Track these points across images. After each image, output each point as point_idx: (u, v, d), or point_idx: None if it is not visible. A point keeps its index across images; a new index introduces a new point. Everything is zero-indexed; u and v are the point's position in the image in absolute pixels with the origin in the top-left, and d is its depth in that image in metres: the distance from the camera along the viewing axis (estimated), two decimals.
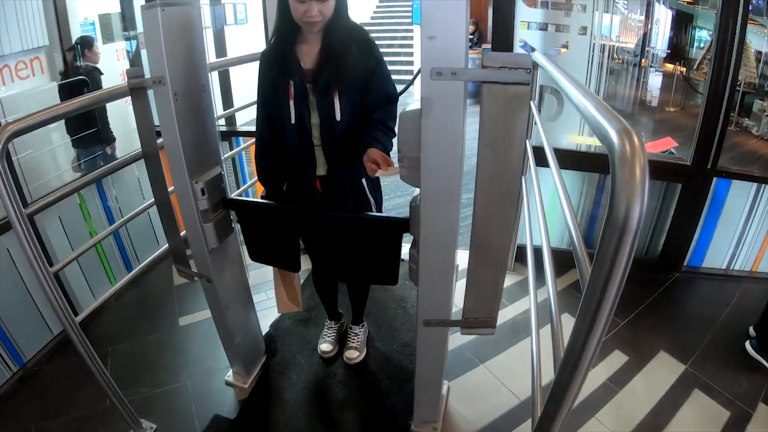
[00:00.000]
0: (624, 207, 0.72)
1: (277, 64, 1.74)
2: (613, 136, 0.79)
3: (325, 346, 2.48)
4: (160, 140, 1.74)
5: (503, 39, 2.74)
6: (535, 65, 2.01)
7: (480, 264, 1.43)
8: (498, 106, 1.20)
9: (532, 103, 2.18)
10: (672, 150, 3.12)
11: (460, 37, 1.17)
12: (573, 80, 1.30)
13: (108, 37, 3.20)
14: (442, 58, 1.18)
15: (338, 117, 1.72)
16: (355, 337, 2.49)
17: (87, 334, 2.51)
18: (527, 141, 2.22)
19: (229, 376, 2.35)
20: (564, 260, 2.41)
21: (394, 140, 1.66)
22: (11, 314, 2.41)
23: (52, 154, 2.86)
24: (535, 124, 2.15)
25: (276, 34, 1.75)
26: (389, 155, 1.66)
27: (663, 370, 2.42)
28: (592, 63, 2.81)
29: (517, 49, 2.74)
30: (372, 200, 1.97)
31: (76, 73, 3.25)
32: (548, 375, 1.10)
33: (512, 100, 1.19)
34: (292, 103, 1.73)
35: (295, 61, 1.72)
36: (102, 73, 3.44)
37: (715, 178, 2.88)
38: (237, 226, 2.04)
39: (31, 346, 2.54)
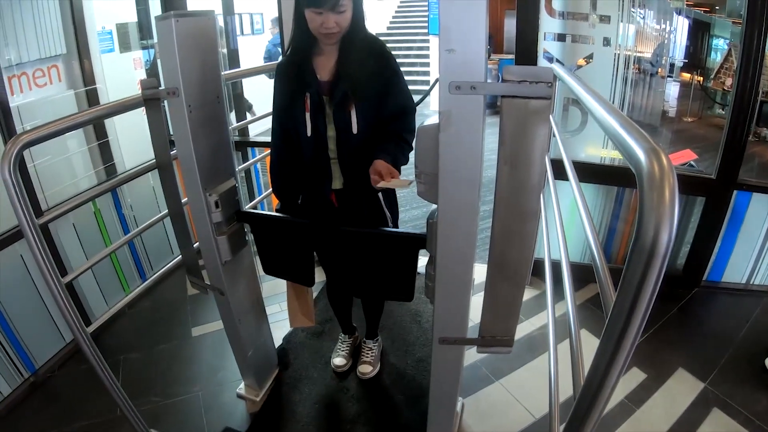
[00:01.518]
0: (652, 231, 0.68)
1: (293, 76, 1.72)
2: (641, 156, 0.76)
3: (339, 360, 2.45)
4: (174, 151, 1.74)
5: (527, 50, 2.71)
6: (555, 78, 1.98)
7: (498, 282, 1.40)
8: (518, 121, 1.17)
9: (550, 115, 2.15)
10: (692, 162, 3.08)
11: (479, 50, 1.14)
12: (595, 95, 1.26)
13: (125, 47, 3.21)
14: (460, 71, 1.15)
15: (355, 130, 1.70)
16: (369, 352, 2.46)
17: (99, 341, 2.52)
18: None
19: (241, 388, 2.34)
20: (581, 274, 2.37)
21: (412, 154, 1.63)
22: (24, 320, 2.42)
23: (69, 161, 2.87)
24: (554, 136, 2.12)
25: (292, 46, 1.74)
26: (398, 168, 1.65)
27: (681, 388, 2.36)
28: (616, 75, 2.77)
29: (541, 60, 2.72)
30: (388, 214, 1.94)
31: None
32: (565, 393, 1.07)
33: (533, 115, 1.16)
34: (308, 115, 1.71)
35: (312, 73, 1.71)
36: None
37: (735, 191, 2.82)
38: (250, 237, 2.03)
39: (43, 353, 2.54)
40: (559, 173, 1.90)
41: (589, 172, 2.88)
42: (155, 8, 3.28)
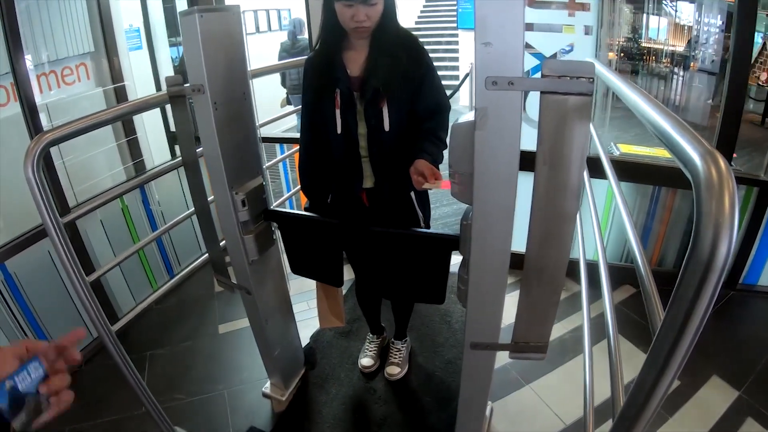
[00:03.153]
0: (710, 242, 0.63)
1: (322, 72, 1.68)
2: (697, 160, 0.71)
3: (366, 361, 2.42)
4: (200, 148, 1.71)
5: None
6: None
7: (534, 286, 1.34)
8: (557, 119, 1.10)
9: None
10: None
11: (517, 43, 1.08)
12: (642, 93, 1.20)
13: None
14: (497, 66, 1.09)
15: (386, 127, 1.65)
16: (398, 353, 2.42)
17: (126, 337, 2.53)
18: None
19: (267, 387, 2.32)
20: (613, 275, 2.30)
21: (445, 152, 1.58)
22: (51, 315, 2.44)
23: (98, 158, 2.89)
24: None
25: (321, 40, 1.69)
26: (438, 167, 1.59)
27: (715, 396, 2.28)
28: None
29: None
30: (420, 214, 1.89)
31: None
32: (598, 398, 1.03)
33: (572, 112, 1.09)
34: (338, 112, 1.66)
35: (342, 68, 1.66)
36: None
37: None
38: (278, 233, 1.99)
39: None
40: (593, 170, 1.84)
41: (623, 171, 2.80)
42: (182, 5, 3.29)
